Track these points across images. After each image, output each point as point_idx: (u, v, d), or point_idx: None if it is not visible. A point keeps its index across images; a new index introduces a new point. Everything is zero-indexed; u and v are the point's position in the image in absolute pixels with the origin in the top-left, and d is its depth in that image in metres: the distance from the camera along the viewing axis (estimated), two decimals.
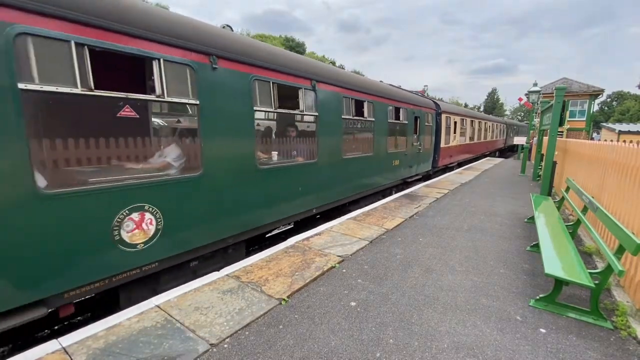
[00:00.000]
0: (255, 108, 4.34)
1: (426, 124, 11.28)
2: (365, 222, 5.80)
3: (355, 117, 6.86)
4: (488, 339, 2.68)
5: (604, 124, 29.63)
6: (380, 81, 9.50)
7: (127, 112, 3.57)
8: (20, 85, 2.42)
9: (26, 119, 2.49)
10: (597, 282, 2.96)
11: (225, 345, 2.51)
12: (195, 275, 4.05)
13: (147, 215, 3.25)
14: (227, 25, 4.62)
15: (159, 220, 3.35)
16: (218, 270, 3.87)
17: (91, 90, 2.77)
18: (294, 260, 4.08)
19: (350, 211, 6.93)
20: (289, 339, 2.61)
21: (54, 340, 2.47)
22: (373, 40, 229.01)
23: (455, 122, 14.38)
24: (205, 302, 3.08)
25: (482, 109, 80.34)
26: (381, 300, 3.23)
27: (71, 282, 2.82)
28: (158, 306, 2.99)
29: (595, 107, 32.10)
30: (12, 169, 2.43)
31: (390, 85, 10.33)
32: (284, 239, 5.04)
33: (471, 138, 17.68)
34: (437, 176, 12.71)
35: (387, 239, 5.02)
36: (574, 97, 25.80)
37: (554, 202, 6.10)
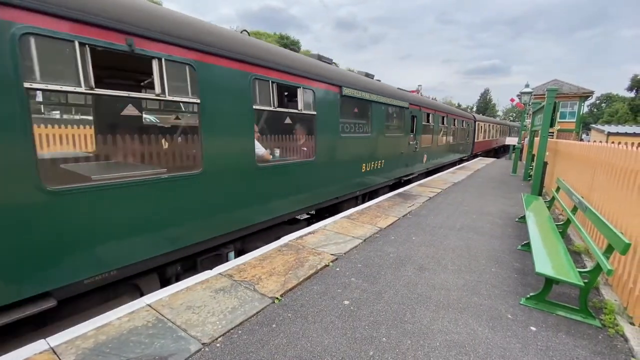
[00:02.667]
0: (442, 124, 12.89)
1: (470, 128, 19.48)
2: (358, 221, 5.81)
3: (454, 127, 15.02)
4: (479, 337, 2.70)
5: (594, 125, 30.22)
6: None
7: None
8: None
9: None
10: (586, 280, 3.01)
11: (218, 345, 2.49)
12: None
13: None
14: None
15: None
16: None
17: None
18: (287, 259, 4.07)
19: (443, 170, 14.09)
20: (282, 338, 2.60)
21: (42, 340, 2.41)
22: (371, 39, 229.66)
23: (481, 126, 22.47)
24: (198, 301, 3.05)
25: (474, 109, 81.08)
26: (374, 299, 3.24)
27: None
28: (149, 305, 2.95)
29: (585, 109, 32.73)
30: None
31: (460, 109, 19.93)
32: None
33: (488, 137, 25.61)
34: (470, 160, 19.89)
35: (381, 237, 5.04)
36: (564, 98, 26.21)
37: (545, 201, 6.19)
